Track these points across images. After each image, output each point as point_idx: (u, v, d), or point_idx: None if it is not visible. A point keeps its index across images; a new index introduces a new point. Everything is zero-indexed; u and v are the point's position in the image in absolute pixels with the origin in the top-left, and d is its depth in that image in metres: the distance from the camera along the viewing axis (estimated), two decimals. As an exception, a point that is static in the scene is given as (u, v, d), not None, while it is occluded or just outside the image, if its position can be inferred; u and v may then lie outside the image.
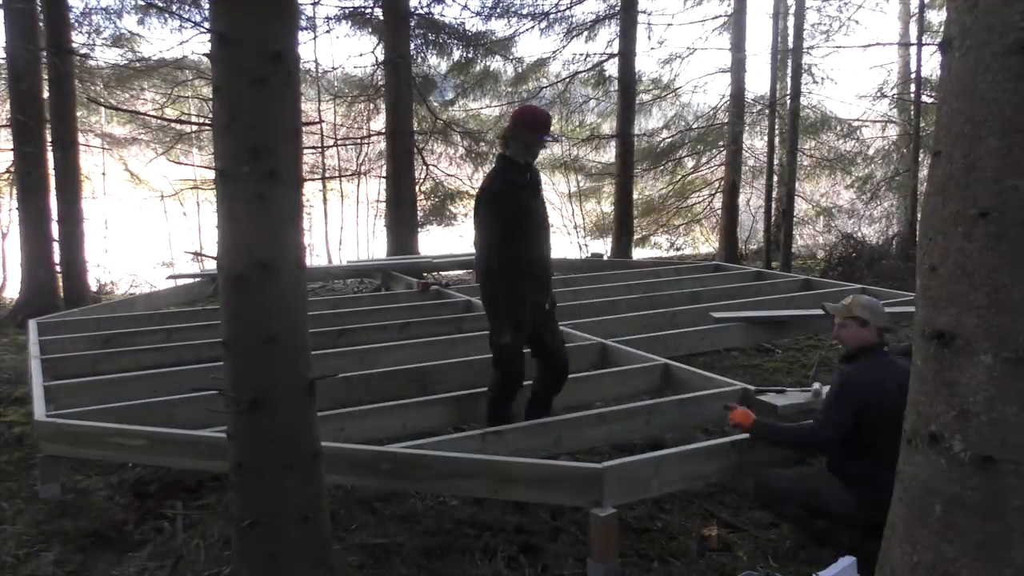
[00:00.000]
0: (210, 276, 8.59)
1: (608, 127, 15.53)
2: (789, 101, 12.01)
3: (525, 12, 14.04)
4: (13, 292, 11.39)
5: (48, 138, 9.15)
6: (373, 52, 13.57)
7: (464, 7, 17.84)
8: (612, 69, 13.75)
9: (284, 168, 2.56)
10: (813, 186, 16.40)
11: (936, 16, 14.10)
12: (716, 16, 14.45)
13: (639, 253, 15.09)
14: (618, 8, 13.09)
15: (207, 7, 2.90)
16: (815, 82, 13.80)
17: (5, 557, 3.52)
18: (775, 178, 12.78)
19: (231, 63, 2.51)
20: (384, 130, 12.91)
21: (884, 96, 14.03)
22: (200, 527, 3.74)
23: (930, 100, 11.35)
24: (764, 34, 24.23)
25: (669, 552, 3.45)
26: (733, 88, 13.36)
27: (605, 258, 12.55)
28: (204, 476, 4.15)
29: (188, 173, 16.15)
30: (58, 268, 9.20)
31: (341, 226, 17.23)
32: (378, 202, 16.25)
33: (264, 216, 2.55)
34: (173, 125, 13.84)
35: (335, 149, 16.15)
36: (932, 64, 12.21)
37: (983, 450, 1.75)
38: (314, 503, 2.77)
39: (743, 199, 14.96)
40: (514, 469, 3.36)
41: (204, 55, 2.69)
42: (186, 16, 12.27)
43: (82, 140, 12.09)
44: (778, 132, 13.13)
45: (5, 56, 9.38)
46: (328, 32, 14.06)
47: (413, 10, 12.90)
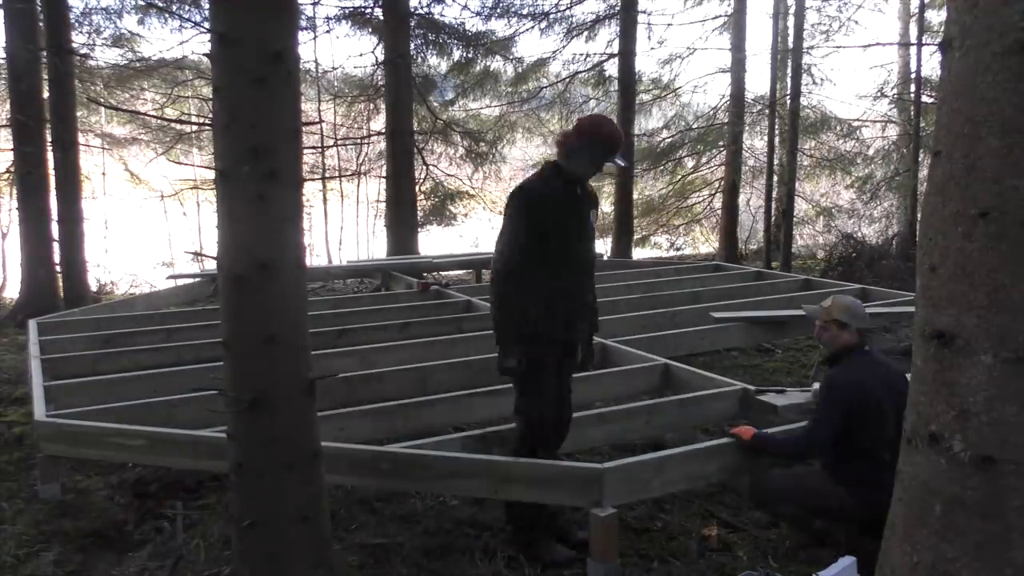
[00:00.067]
0: (210, 276, 8.59)
1: (608, 127, 15.50)
2: (789, 101, 12.02)
3: (525, 12, 14.07)
4: (13, 292, 11.39)
5: (48, 138, 9.15)
6: (373, 52, 13.59)
7: (464, 7, 17.88)
8: (612, 69, 13.76)
9: (284, 168, 2.56)
10: (813, 186, 16.40)
11: (936, 16, 14.10)
12: (716, 16, 14.48)
13: (639, 253, 15.08)
14: (618, 8, 13.10)
15: (207, 7, 2.90)
16: (815, 82, 13.83)
17: (5, 557, 3.52)
18: (775, 178, 12.78)
19: (231, 63, 2.51)
20: (384, 130, 12.91)
21: (884, 96, 14.04)
22: (200, 527, 3.74)
23: (930, 100, 11.34)
24: (764, 34, 24.27)
25: (669, 552, 3.45)
26: (733, 88, 13.36)
27: (605, 258, 12.55)
28: (204, 476, 4.15)
29: (188, 173, 16.17)
30: (58, 268, 9.20)
31: (341, 226, 17.24)
32: (378, 202, 16.26)
33: (264, 216, 2.55)
34: (173, 125, 13.84)
35: (335, 149, 16.15)
36: (932, 64, 12.22)
37: (983, 450, 1.75)
38: (314, 503, 2.77)
39: (743, 199, 14.96)
40: (514, 469, 3.36)
41: (204, 55, 2.69)
42: (186, 16, 12.28)
43: (82, 140, 12.09)
44: (778, 132, 13.13)
45: (5, 56, 9.38)
46: (328, 32, 14.09)
47: (413, 10, 12.91)
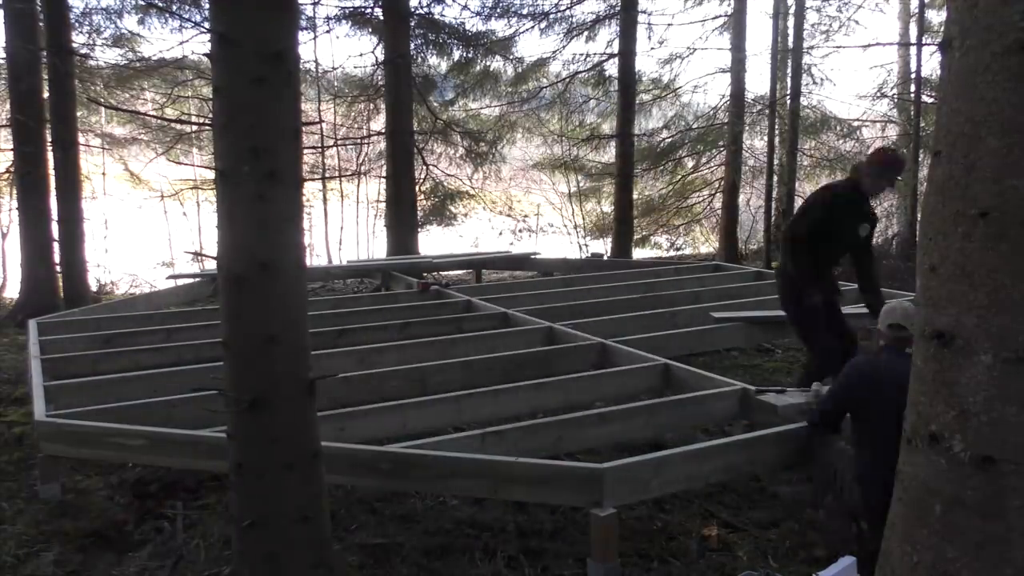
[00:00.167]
0: (210, 276, 8.59)
1: (608, 127, 15.52)
2: (789, 101, 12.02)
3: (525, 12, 14.08)
4: (13, 292, 11.38)
5: (48, 138, 9.15)
6: (373, 52, 13.60)
7: (464, 7, 17.83)
8: (612, 69, 13.76)
9: (284, 168, 2.56)
10: (813, 186, 16.28)
11: (936, 16, 14.10)
12: (716, 16, 14.46)
13: (639, 253, 15.09)
14: (618, 8, 13.10)
15: (207, 7, 2.90)
16: (815, 82, 13.82)
17: (5, 557, 3.52)
18: (775, 178, 12.78)
19: (231, 63, 2.51)
20: (384, 130, 12.91)
21: (884, 96, 14.03)
22: (200, 527, 3.74)
23: (930, 100, 11.34)
24: (764, 34, 24.26)
25: (669, 552, 3.45)
26: (733, 88, 13.36)
27: (605, 258, 12.55)
28: (204, 476, 4.15)
29: (188, 173, 16.15)
30: (58, 268, 9.20)
31: (341, 226, 17.22)
32: (378, 202, 16.25)
33: (264, 216, 2.55)
34: (173, 125, 13.83)
35: (335, 149, 16.15)
36: (932, 64, 12.21)
37: (983, 450, 1.75)
38: (314, 503, 2.77)
39: (743, 199, 14.95)
40: (514, 469, 3.36)
41: (204, 55, 2.69)
42: (186, 16, 12.29)
43: (82, 140, 12.09)
44: (778, 132, 13.13)
45: (5, 56, 9.38)
46: (328, 32, 14.09)
47: (413, 10, 12.91)
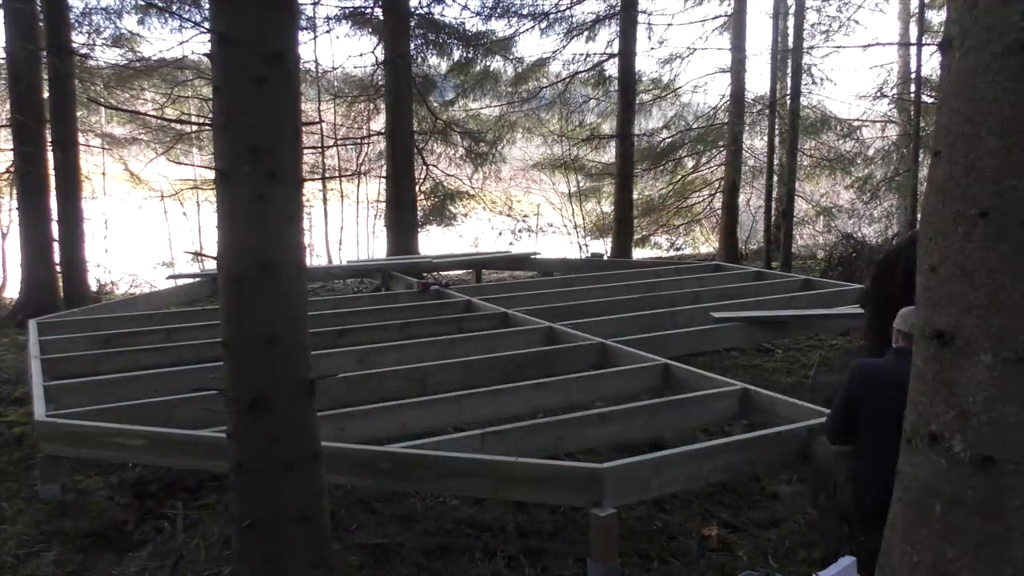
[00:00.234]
0: (210, 276, 8.59)
1: (608, 127, 15.52)
2: (789, 101, 12.02)
3: (525, 12, 14.07)
4: (13, 292, 11.38)
5: (48, 138, 9.15)
6: (373, 52, 13.59)
7: (464, 7, 17.78)
8: (612, 69, 13.76)
9: (284, 168, 2.56)
10: (813, 186, 16.38)
11: (936, 16, 14.09)
12: (716, 16, 14.46)
13: (639, 253, 15.08)
14: (618, 8, 13.09)
15: (207, 7, 2.90)
16: (815, 82, 13.80)
17: (5, 557, 3.52)
18: (775, 178, 12.77)
19: (231, 63, 2.51)
20: (384, 130, 12.91)
21: (884, 96, 14.01)
22: (200, 527, 3.74)
23: (930, 100, 11.33)
24: (764, 34, 24.28)
25: (669, 552, 3.45)
26: (733, 88, 13.35)
27: (605, 258, 12.55)
28: (204, 476, 4.15)
29: (188, 173, 16.15)
30: (58, 268, 9.20)
31: (341, 226, 17.21)
32: (378, 202, 16.24)
33: (264, 216, 2.55)
34: (173, 125, 13.82)
35: (335, 149, 16.14)
36: (932, 64, 12.19)
37: (983, 450, 1.75)
38: (314, 503, 2.77)
39: (743, 199, 14.95)
40: (514, 469, 3.35)
41: (204, 55, 2.69)
42: (186, 16, 12.29)
43: (82, 140, 12.08)
44: (778, 132, 13.12)
45: (5, 56, 9.37)
46: (328, 32, 14.09)
47: (413, 10, 12.91)
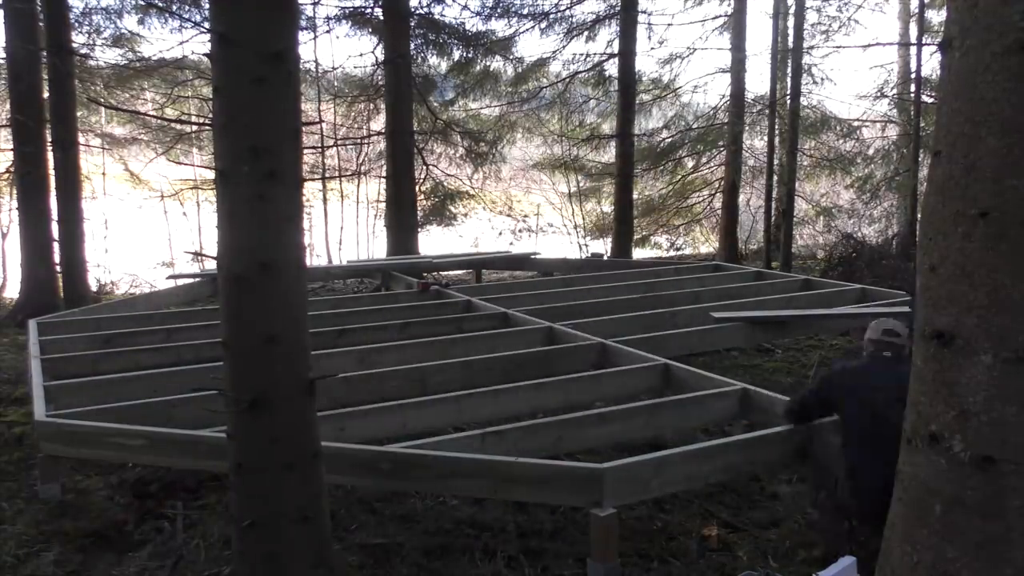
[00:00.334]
0: (210, 276, 8.58)
1: (608, 127, 15.52)
2: (789, 101, 12.02)
3: (525, 12, 14.06)
4: (13, 292, 11.38)
5: (48, 138, 9.15)
6: (373, 52, 13.59)
7: (464, 7, 17.78)
8: (612, 69, 13.75)
9: (284, 168, 2.56)
10: (813, 186, 16.38)
11: (936, 16, 14.08)
12: (716, 16, 14.46)
13: (639, 253, 15.08)
14: (618, 8, 13.09)
15: (207, 7, 2.90)
16: (815, 82, 13.81)
17: (5, 557, 3.52)
18: (775, 178, 12.77)
19: (231, 63, 2.51)
20: (384, 130, 12.91)
21: (884, 96, 14.01)
22: (200, 527, 3.74)
23: (930, 100, 11.33)
24: (764, 34, 24.26)
25: (669, 552, 3.45)
26: (733, 88, 13.35)
27: (605, 258, 12.55)
28: (204, 476, 4.15)
29: (188, 173, 16.15)
30: (58, 268, 9.20)
31: (341, 226, 17.22)
32: (378, 202, 16.24)
33: (264, 216, 2.55)
34: (173, 125, 13.82)
35: (335, 149, 16.14)
36: (932, 64, 12.19)
37: (983, 450, 1.75)
38: (314, 503, 2.77)
39: (743, 199, 14.95)
40: (514, 469, 3.35)
41: (204, 55, 2.69)
42: (186, 16, 12.29)
43: (82, 140, 12.08)
44: (778, 132, 13.12)
45: (5, 56, 9.37)
46: (328, 32, 14.08)
47: (413, 10, 12.91)
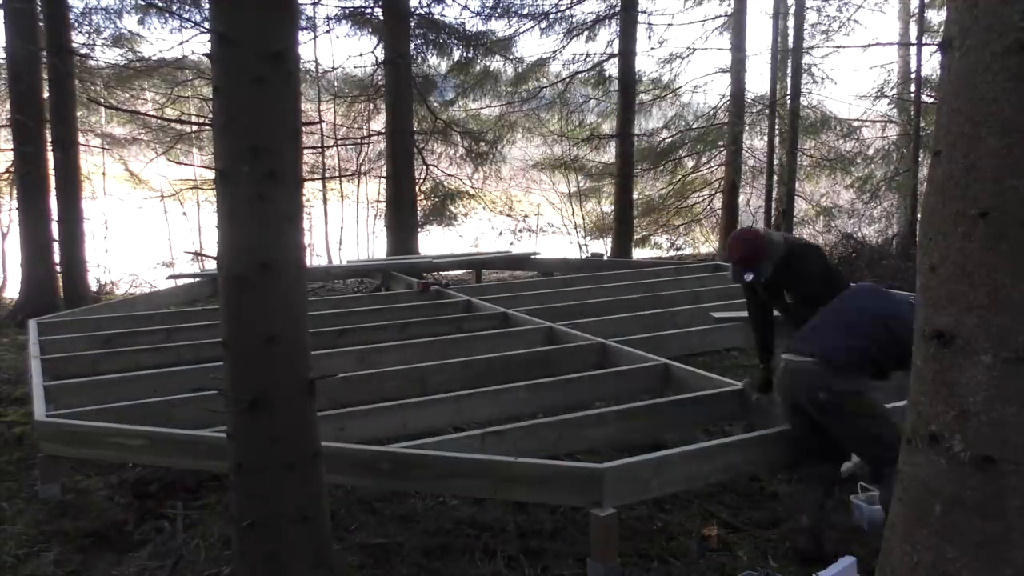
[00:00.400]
0: (210, 276, 8.59)
1: (608, 127, 15.52)
2: (789, 101, 12.03)
3: (525, 12, 14.08)
4: (13, 292, 11.38)
5: (48, 138, 9.15)
6: (373, 52, 13.60)
7: (464, 7, 17.82)
8: (612, 69, 13.76)
9: (284, 168, 2.55)
10: (813, 186, 16.38)
11: (936, 16, 14.08)
12: (716, 16, 14.46)
13: (639, 253, 15.08)
14: (618, 8, 13.10)
15: (207, 7, 2.90)
16: (815, 82, 13.81)
17: (5, 557, 3.52)
18: (775, 178, 12.78)
19: (231, 63, 2.51)
20: (384, 130, 12.91)
21: (884, 96, 14.02)
22: (200, 527, 3.73)
23: (930, 100, 11.34)
24: (764, 34, 24.26)
25: (669, 552, 3.45)
26: (733, 88, 13.35)
27: (605, 258, 12.55)
28: (204, 476, 4.15)
29: (188, 173, 16.16)
30: (58, 268, 9.20)
31: (341, 226, 17.22)
32: (378, 202, 16.24)
33: (264, 216, 2.55)
34: (173, 125, 13.83)
35: (335, 149, 16.14)
36: (932, 64, 12.20)
37: (983, 450, 1.74)
38: (314, 503, 2.77)
39: (743, 199, 14.95)
40: (514, 469, 3.35)
41: (204, 55, 2.69)
42: (186, 16, 12.30)
43: (82, 140, 12.08)
44: (778, 132, 13.13)
45: (5, 56, 9.37)
46: (328, 32, 14.10)
47: (413, 10, 12.92)
